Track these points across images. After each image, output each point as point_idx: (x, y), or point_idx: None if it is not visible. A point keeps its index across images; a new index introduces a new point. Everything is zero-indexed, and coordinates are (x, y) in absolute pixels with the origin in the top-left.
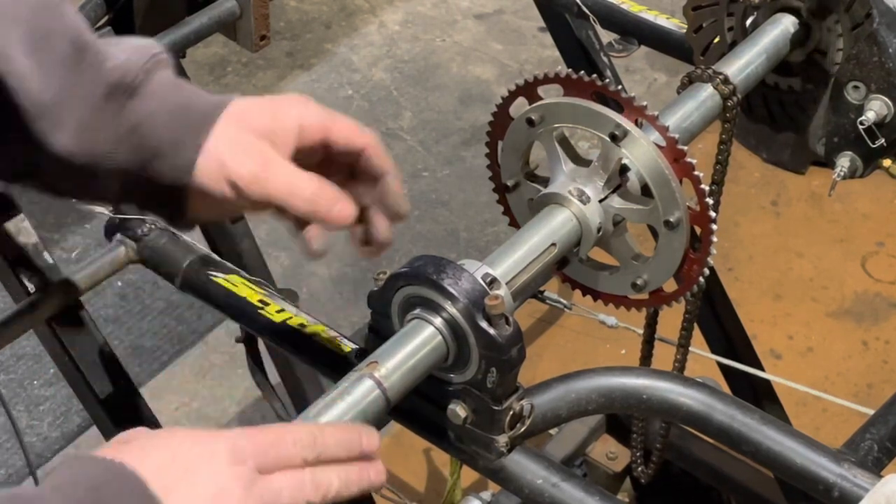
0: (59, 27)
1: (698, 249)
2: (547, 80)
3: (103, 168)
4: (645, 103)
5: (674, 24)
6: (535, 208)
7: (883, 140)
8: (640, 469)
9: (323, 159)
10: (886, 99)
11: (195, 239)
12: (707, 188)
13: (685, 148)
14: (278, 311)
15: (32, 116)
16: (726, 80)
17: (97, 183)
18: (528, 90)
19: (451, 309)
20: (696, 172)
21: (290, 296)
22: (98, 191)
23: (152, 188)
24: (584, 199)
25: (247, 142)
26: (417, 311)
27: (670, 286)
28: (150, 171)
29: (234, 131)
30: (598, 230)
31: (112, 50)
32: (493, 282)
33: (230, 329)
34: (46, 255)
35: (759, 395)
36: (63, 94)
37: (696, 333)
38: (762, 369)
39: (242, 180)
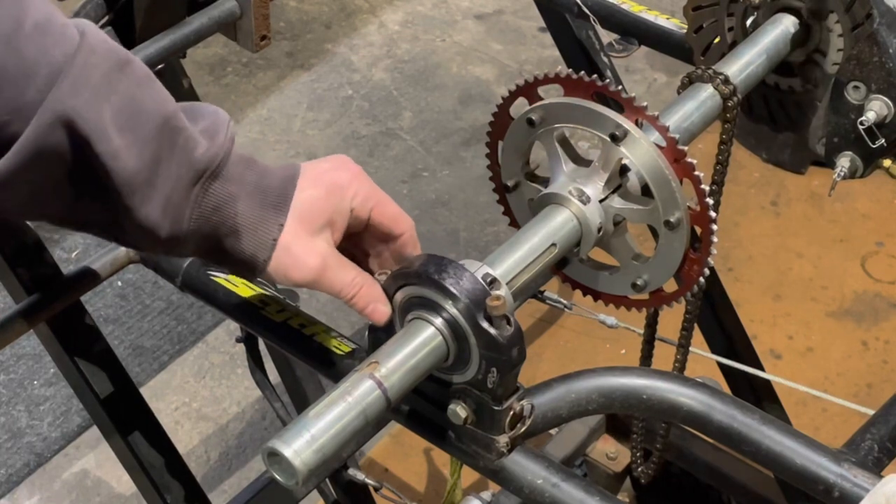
0: (152, 105)
1: (698, 249)
2: (547, 80)
3: (185, 237)
4: (645, 103)
5: (674, 24)
6: (535, 208)
7: (883, 140)
8: (640, 469)
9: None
10: (886, 99)
11: None
12: (707, 188)
13: (685, 148)
14: (278, 311)
15: (124, 193)
16: (726, 81)
17: (177, 248)
18: (528, 90)
19: (451, 309)
20: (696, 172)
21: (290, 296)
22: (176, 252)
23: (228, 258)
24: (584, 199)
25: (310, 247)
26: (418, 310)
27: (670, 286)
28: (229, 245)
29: (301, 230)
30: (599, 230)
31: (196, 133)
32: (493, 282)
33: (230, 329)
34: (46, 255)
35: (759, 395)
36: (154, 175)
37: (696, 333)
38: (762, 369)
39: (302, 281)
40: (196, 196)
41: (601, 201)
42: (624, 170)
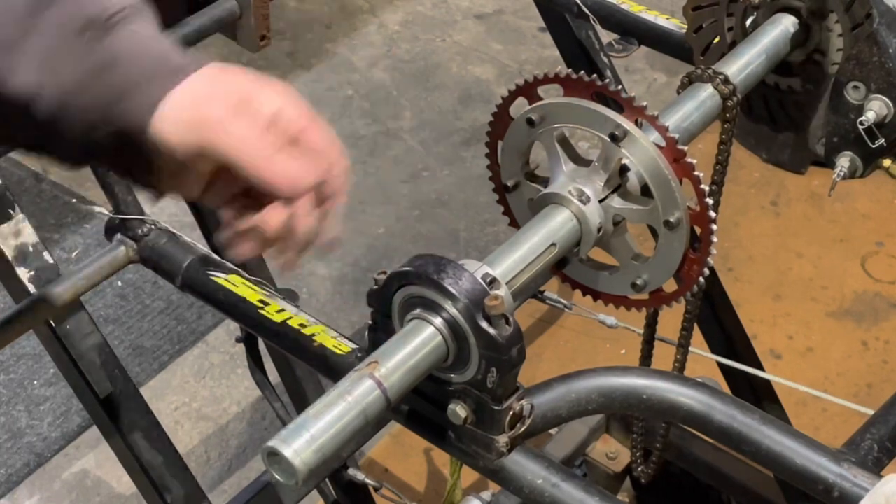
0: None
1: (698, 249)
2: (547, 80)
3: (66, 113)
4: (645, 103)
5: (674, 24)
6: (535, 208)
7: (883, 140)
8: (640, 469)
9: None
10: (886, 99)
11: (195, 239)
12: (707, 188)
13: (685, 148)
14: (278, 311)
15: None
16: (726, 81)
17: (60, 131)
18: (528, 90)
19: (451, 309)
20: (696, 172)
21: (290, 296)
22: (62, 142)
23: (115, 137)
24: (584, 199)
25: (222, 91)
26: (417, 310)
27: (670, 286)
28: (114, 114)
29: (210, 82)
30: (598, 230)
31: None
32: (493, 282)
33: (230, 329)
34: (46, 255)
35: (759, 395)
36: (30, 24)
37: (696, 333)
38: (762, 369)
39: (207, 125)
40: (83, 49)
41: (601, 201)
42: (624, 170)
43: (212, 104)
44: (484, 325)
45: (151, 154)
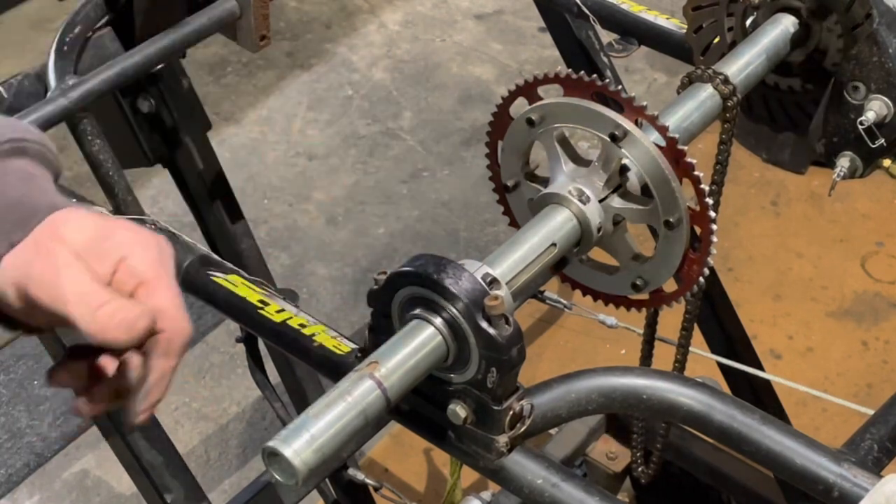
0: None
1: (698, 249)
2: (547, 80)
3: None
4: (645, 103)
5: (674, 24)
6: (535, 208)
7: (883, 140)
8: (640, 469)
9: None
10: (886, 99)
11: (195, 239)
12: (707, 188)
13: (685, 148)
14: (278, 311)
15: None
16: (726, 81)
17: None
18: (528, 90)
19: (451, 309)
20: (696, 172)
21: (290, 296)
22: None
23: None
24: (584, 199)
25: (50, 248)
26: (417, 310)
27: (670, 286)
28: None
29: (47, 236)
30: (598, 230)
31: None
32: (493, 282)
33: (230, 329)
34: None
35: (759, 395)
36: None
37: (696, 333)
38: (762, 369)
39: (34, 284)
40: None
41: (601, 201)
42: (624, 170)
43: (46, 260)
44: (484, 325)
45: None
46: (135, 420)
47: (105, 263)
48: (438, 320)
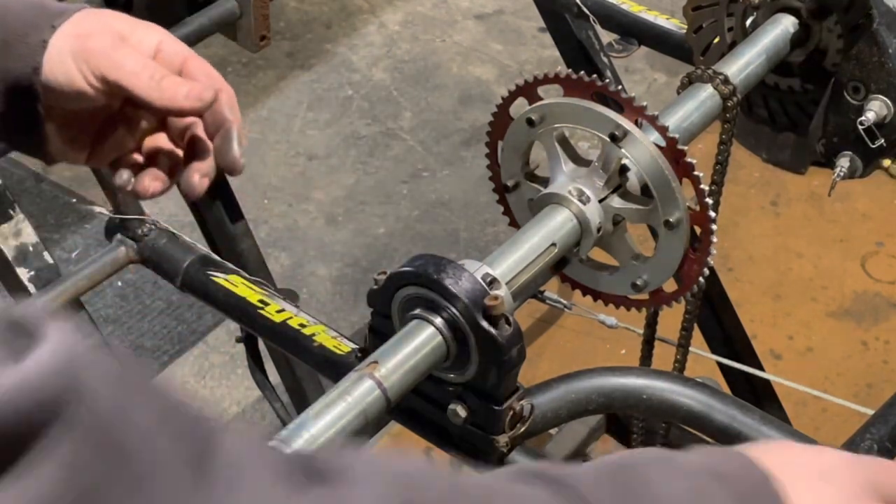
0: None
1: (698, 249)
2: (547, 80)
3: None
4: (645, 103)
5: (674, 24)
6: (535, 208)
7: (883, 140)
8: None
9: None
10: (886, 99)
11: (195, 239)
12: (707, 188)
13: (685, 148)
14: (278, 311)
15: None
16: (726, 81)
17: None
18: (528, 90)
19: (451, 309)
20: (696, 172)
21: (290, 296)
22: None
23: (4, 95)
24: (584, 199)
25: (103, 25)
26: (417, 310)
27: (670, 286)
28: (3, 68)
29: (90, 20)
30: (598, 230)
31: None
32: (493, 282)
33: (230, 329)
34: (46, 255)
35: (759, 395)
36: None
37: (696, 333)
38: (762, 369)
39: (94, 56)
40: None
41: (601, 201)
42: (624, 170)
43: (96, 38)
44: (484, 325)
45: (41, 106)
46: (236, 165)
47: (145, 46)
48: (438, 320)
